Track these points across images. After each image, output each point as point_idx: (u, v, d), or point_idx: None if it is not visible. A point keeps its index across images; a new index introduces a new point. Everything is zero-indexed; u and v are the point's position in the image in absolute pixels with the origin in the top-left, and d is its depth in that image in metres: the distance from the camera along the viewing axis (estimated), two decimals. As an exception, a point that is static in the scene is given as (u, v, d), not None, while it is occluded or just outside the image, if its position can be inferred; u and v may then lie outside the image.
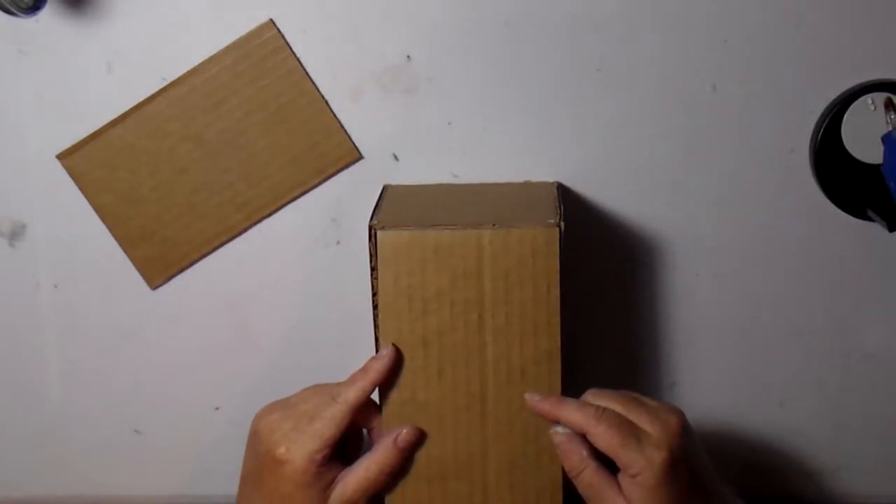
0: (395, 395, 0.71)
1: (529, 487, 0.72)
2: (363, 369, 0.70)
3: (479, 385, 0.71)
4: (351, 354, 0.85)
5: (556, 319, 0.70)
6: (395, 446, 0.70)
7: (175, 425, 0.88)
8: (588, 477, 0.67)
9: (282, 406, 0.71)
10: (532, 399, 0.70)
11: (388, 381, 0.71)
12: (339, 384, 0.71)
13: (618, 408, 0.68)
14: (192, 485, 0.89)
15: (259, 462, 0.69)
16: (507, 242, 0.70)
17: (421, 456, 0.71)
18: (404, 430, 0.70)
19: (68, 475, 0.89)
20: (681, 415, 0.69)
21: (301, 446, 0.67)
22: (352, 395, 0.69)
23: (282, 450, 0.68)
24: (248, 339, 0.86)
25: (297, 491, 0.68)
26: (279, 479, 0.68)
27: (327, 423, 0.68)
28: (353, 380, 0.70)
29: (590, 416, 0.67)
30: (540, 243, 0.69)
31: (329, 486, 0.69)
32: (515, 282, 0.70)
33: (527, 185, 0.82)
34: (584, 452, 0.67)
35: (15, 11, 0.73)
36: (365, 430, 0.74)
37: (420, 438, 0.71)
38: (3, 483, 0.89)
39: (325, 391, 0.71)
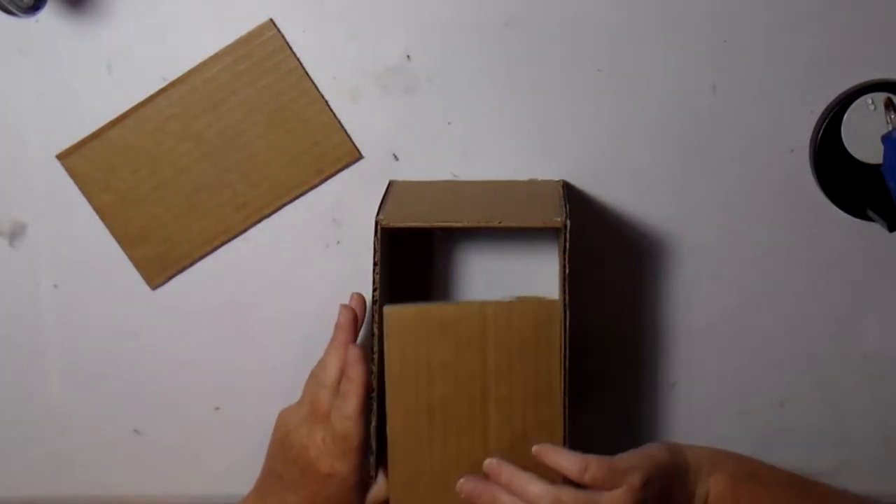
0: (400, 461, 0.74)
1: None
2: (347, 378, 0.75)
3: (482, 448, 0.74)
4: (351, 354, 0.84)
5: (559, 387, 0.72)
6: None
7: (175, 425, 0.88)
8: None
9: (304, 415, 0.76)
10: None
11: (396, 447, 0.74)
12: (330, 383, 0.76)
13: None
14: (192, 485, 0.88)
15: (299, 471, 0.76)
16: (510, 317, 0.72)
17: None
18: None
19: (68, 475, 0.89)
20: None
21: (343, 463, 0.75)
22: (352, 410, 0.74)
23: (325, 467, 0.75)
24: (248, 339, 0.86)
25: (345, 494, 0.76)
26: (326, 486, 0.75)
27: (351, 439, 0.74)
28: (345, 393, 0.75)
29: None
30: (542, 318, 0.72)
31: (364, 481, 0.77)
32: (518, 355, 0.73)
33: (532, 183, 0.82)
34: None
35: (15, 11, 0.73)
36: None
37: None
38: (3, 483, 0.89)
39: (325, 390, 0.76)
